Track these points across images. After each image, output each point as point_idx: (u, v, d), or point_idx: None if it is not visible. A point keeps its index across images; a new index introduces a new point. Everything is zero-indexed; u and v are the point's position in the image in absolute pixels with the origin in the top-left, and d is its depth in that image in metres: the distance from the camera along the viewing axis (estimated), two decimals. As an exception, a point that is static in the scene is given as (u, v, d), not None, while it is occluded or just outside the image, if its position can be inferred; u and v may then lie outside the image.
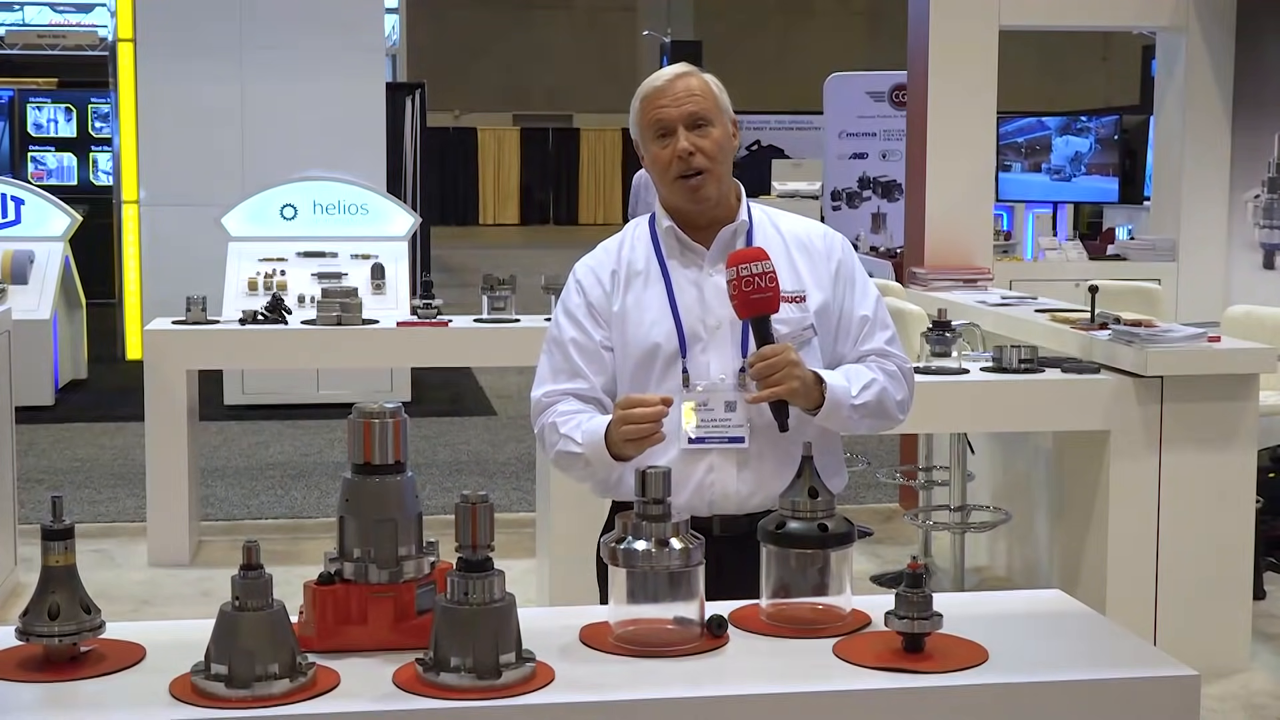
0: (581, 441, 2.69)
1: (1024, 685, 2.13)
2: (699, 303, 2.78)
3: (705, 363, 2.76)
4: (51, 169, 15.23)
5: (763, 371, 2.63)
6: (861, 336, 2.83)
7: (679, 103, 2.77)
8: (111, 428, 8.83)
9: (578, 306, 2.85)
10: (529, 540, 5.55)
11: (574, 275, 2.90)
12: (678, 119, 2.76)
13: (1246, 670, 4.83)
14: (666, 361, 2.76)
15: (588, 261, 2.90)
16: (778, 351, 2.63)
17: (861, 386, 2.75)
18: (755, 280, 2.63)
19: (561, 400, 2.80)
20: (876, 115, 13.18)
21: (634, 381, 2.79)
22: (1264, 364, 4.83)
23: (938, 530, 5.82)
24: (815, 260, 2.83)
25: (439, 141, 25.08)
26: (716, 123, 2.78)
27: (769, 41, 28.84)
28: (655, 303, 2.80)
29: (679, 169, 2.76)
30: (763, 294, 2.63)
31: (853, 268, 2.87)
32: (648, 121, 2.80)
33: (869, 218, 12.18)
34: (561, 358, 2.83)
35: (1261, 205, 7.34)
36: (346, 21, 10.76)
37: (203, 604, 5.53)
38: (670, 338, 2.77)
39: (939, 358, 5.05)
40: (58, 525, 2.13)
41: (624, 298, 2.82)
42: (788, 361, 2.63)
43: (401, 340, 6.42)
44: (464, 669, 2.03)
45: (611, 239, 2.93)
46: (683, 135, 2.75)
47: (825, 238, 2.88)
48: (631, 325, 2.80)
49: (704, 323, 2.77)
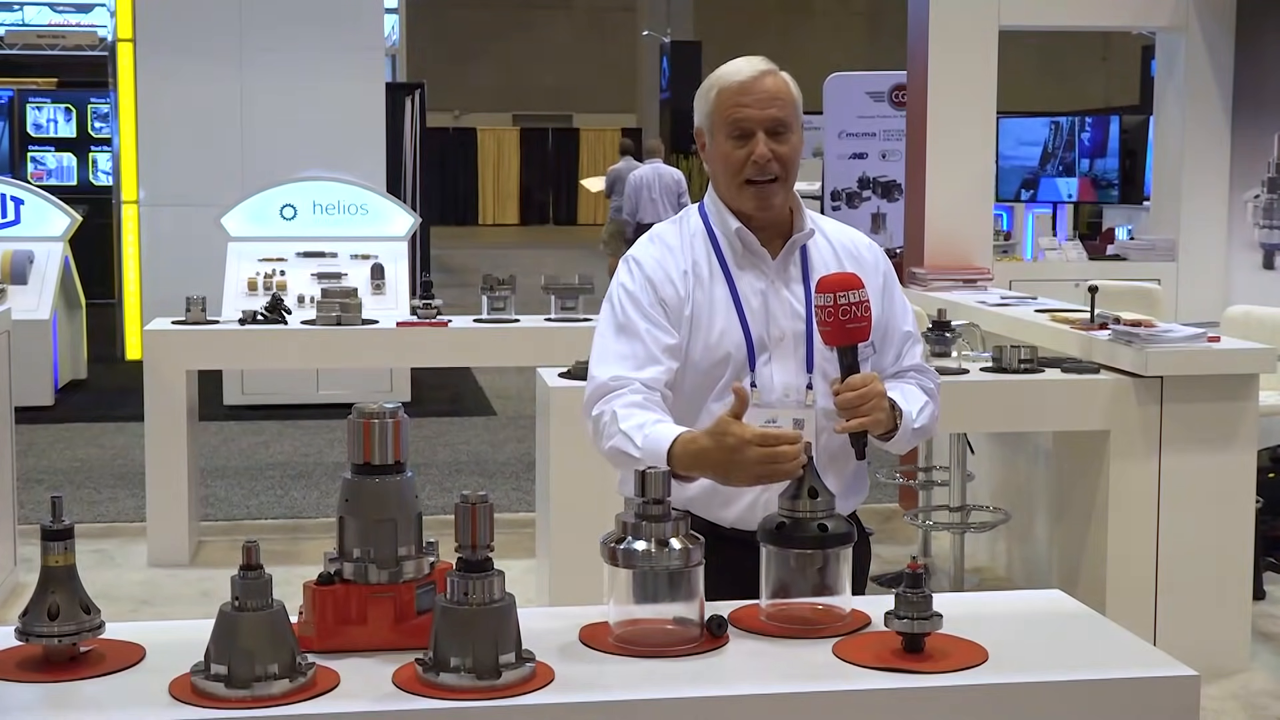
0: (641, 447, 2.51)
1: (1024, 685, 2.13)
2: (764, 312, 2.70)
3: (769, 375, 2.68)
4: (51, 169, 15.23)
5: (852, 402, 2.53)
6: (904, 352, 2.80)
7: (763, 105, 2.65)
8: (111, 428, 8.83)
9: (649, 302, 2.68)
10: (529, 540, 5.55)
11: (639, 267, 2.73)
12: (760, 122, 2.65)
13: (1246, 670, 4.83)
14: (736, 372, 2.67)
15: (653, 254, 2.73)
16: (867, 382, 2.54)
17: (919, 409, 2.72)
18: (852, 310, 2.52)
19: (628, 387, 2.62)
20: (876, 115, 13.16)
21: (697, 390, 2.69)
22: (1264, 364, 4.83)
23: (937, 530, 5.82)
24: (866, 273, 2.73)
25: (439, 141, 25.09)
26: (795, 129, 2.68)
27: (769, 41, 28.79)
28: (722, 310, 2.69)
29: (753, 173, 2.66)
30: (858, 324, 2.54)
31: (893, 280, 2.83)
32: (726, 118, 2.67)
33: (869, 218, 12.16)
34: (631, 345, 2.66)
35: (1261, 205, 7.34)
36: (346, 21, 10.77)
37: (202, 604, 5.53)
38: (740, 348, 2.68)
39: (939, 358, 5.05)
40: (57, 525, 2.13)
41: (694, 299, 2.70)
42: (877, 393, 2.55)
43: (401, 340, 6.42)
44: (464, 669, 2.03)
45: (666, 229, 2.80)
46: (763, 140, 2.64)
47: (871, 249, 2.83)
48: (700, 331, 2.69)
49: (769, 334, 2.69)
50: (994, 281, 6.89)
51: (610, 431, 2.59)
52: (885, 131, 12.96)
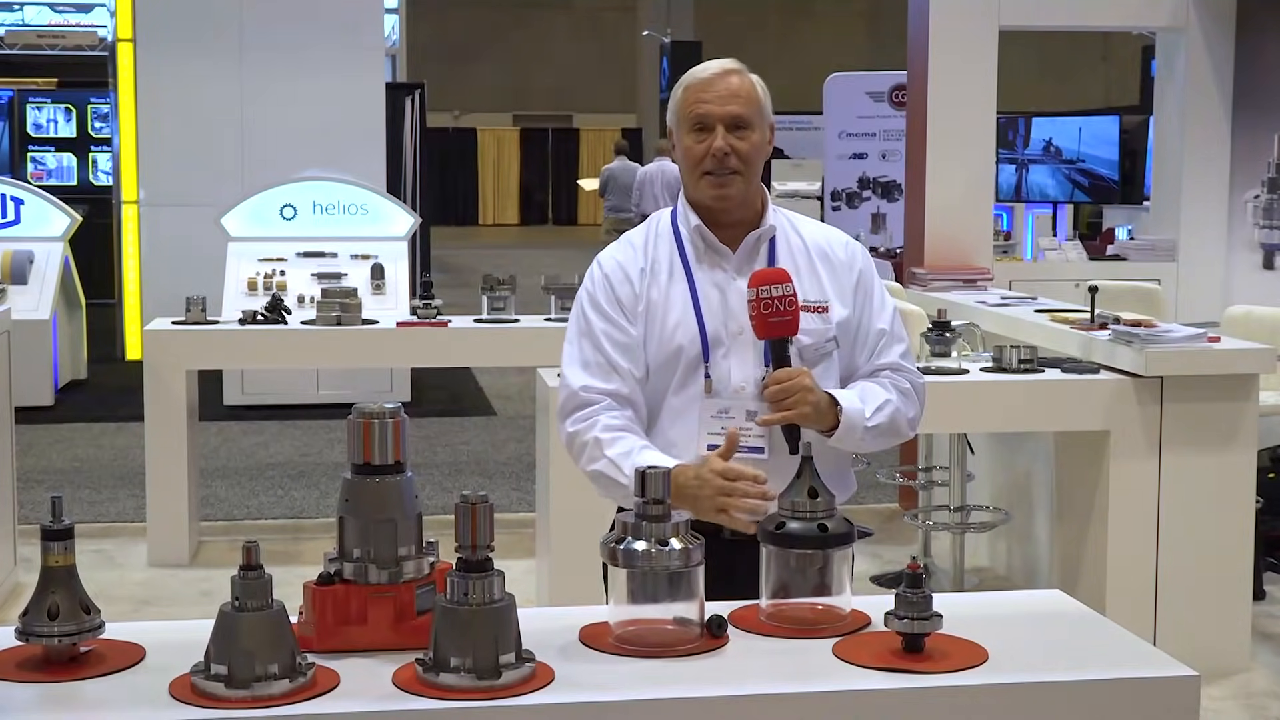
0: (629, 476, 2.51)
1: (1024, 685, 2.13)
2: (722, 307, 2.75)
3: (727, 368, 2.73)
4: (51, 169, 15.23)
5: (776, 395, 2.61)
6: (878, 350, 2.81)
7: (723, 101, 2.73)
8: (111, 428, 8.83)
9: (608, 301, 2.78)
10: (529, 540, 5.55)
11: (599, 268, 2.83)
12: (719, 118, 2.73)
13: (1246, 670, 4.83)
14: (689, 365, 2.73)
15: (614, 255, 2.83)
16: (792, 375, 2.61)
17: (875, 407, 2.73)
18: (775, 303, 2.60)
19: (602, 405, 2.71)
20: (876, 115, 13.16)
21: (656, 383, 2.76)
22: (1264, 364, 4.83)
23: (937, 530, 5.82)
24: (837, 271, 2.80)
25: (439, 141, 25.08)
26: (756, 127, 2.75)
27: (769, 41, 28.80)
28: (679, 304, 2.76)
29: (710, 165, 2.73)
30: (782, 317, 2.61)
31: (872, 279, 2.85)
32: (687, 113, 2.76)
33: (869, 218, 12.15)
34: (593, 350, 2.76)
35: (1261, 205, 7.34)
36: (346, 21, 10.76)
37: (202, 604, 5.53)
38: (694, 341, 2.73)
39: (939, 358, 5.05)
40: (57, 525, 2.13)
41: (648, 296, 2.77)
42: (801, 386, 2.61)
43: (401, 340, 6.42)
44: (464, 669, 2.03)
45: (634, 232, 2.89)
46: (721, 134, 2.72)
47: (847, 247, 2.86)
48: (655, 326, 2.76)
49: (726, 327, 2.74)
50: (994, 281, 6.89)
51: (593, 455, 2.70)
52: (885, 131, 12.96)
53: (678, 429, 2.74)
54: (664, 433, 2.75)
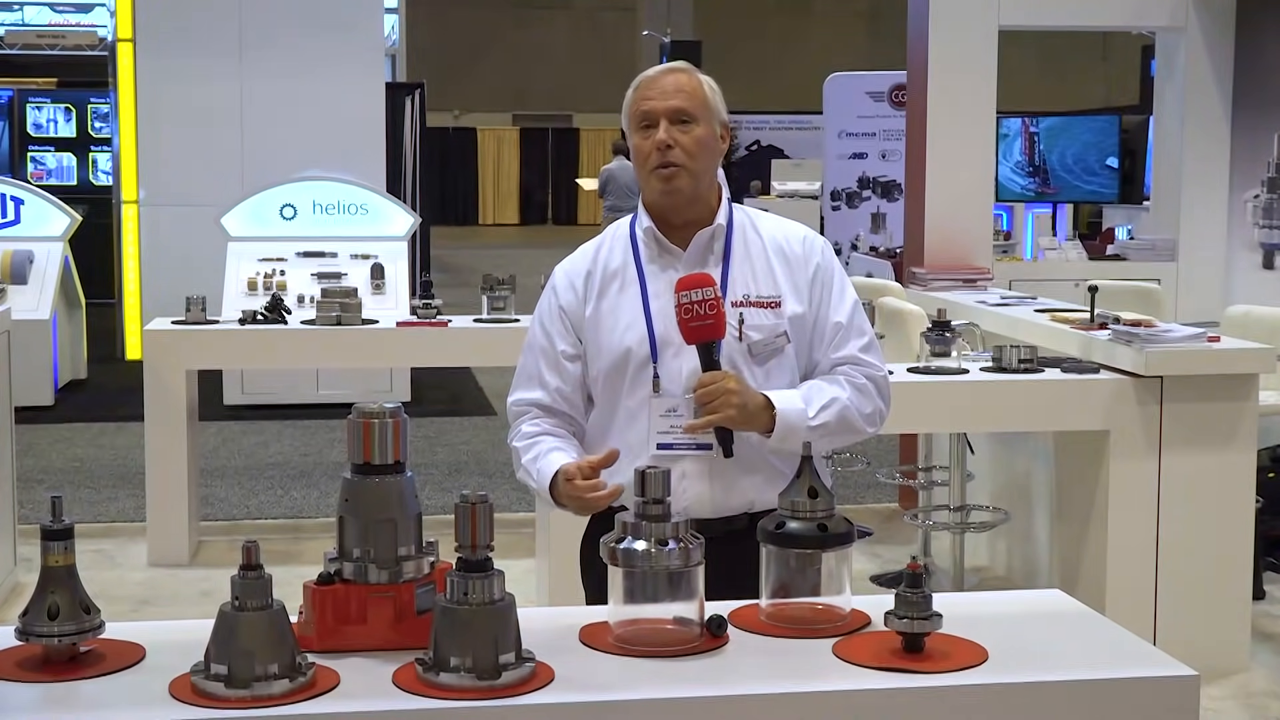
0: (536, 480, 2.74)
1: (1024, 685, 2.13)
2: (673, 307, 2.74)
3: (678, 368, 2.74)
4: (51, 169, 15.23)
5: (701, 399, 2.63)
6: (834, 343, 2.80)
7: (666, 97, 2.76)
8: (111, 428, 8.83)
9: (548, 311, 2.87)
10: (529, 540, 5.55)
11: (551, 278, 2.91)
12: (662, 112, 2.75)
13: (1246, 670, 4.83)
14: (638, 366, 2.75)
15: (564, 265, 2.90)
16: (716, 379, 2.63)
17: (820, 406, 2.71)
18: (695, 308, 2.61)
19: (527, 414, 2.84)
20: (876, 115, 13.18)
21: (607, 386, 2.79)
22: (1264, 364, 4.83)
23: (937, 530, 5.82)
24: (793, 266, 2.81)
25: (439, 141, 25.11)
26: (701, 122, 2.77)
27: (769, 41, 28.83)
28: (629, 307, 2.78)
29: (656, 160, 2.75)
30: (703, 321, 2.62)
31: (831, 272, 2.84)
32: (634, 112, 2.80)
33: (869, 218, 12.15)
34: (531, 361, 2.88)
35: (1261, 205, 7.35)
36: (346, 21, 10.76)
37: (202, 604, 5.53)
38: (642, 343, 2.75)
39: (939, 358, 5.05)
40: (57, 525, 2.13)
41: (597, 302, 2.81)
42: (724, 390, 2.62)
43: (401, 340, 6.42)
44: (464, 669, 2.03)
45: (591, 240, 2.92)
46: (664, 127, 2.74)
47: (805, 242, 2.85)
48: (605, 330, 2.79)
49: (676, 328, 2.73)
50: (994, 281, 6.90)
51: (516, 464, 2.83)
52: (885, 131, 12.97)
53: (634, 431, 2.75)
54: (621, 435, 2.77)
